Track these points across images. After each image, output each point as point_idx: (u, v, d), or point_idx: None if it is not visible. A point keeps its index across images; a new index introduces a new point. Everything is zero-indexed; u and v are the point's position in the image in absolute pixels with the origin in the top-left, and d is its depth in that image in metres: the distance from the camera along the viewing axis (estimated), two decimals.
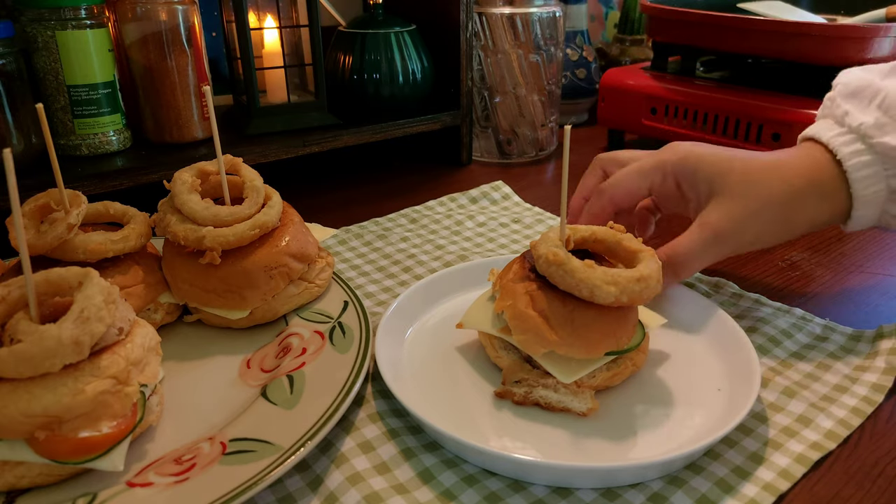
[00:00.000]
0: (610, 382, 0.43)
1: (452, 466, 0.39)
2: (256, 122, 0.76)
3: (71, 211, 0.46)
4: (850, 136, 0.49)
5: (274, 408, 0.41)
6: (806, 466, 0.39)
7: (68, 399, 0.35)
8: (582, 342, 0.41)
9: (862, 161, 0.48)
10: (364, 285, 0.60)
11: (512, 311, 0.42)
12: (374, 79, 0.83)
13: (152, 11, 0.68)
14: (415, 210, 0.76)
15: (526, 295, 0.42)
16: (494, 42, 0.89)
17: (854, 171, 0.48)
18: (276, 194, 0.53)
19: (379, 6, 0.84)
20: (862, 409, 0.44)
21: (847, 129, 0.50)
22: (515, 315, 0.42)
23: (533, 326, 0.41)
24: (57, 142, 0.67)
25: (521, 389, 0.43)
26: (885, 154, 0.48)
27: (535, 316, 0.41)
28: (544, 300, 0.41)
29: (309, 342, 0.48)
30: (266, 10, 0.79)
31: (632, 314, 0.44)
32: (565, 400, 0.42)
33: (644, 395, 0.44)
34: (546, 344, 0.41)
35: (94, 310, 0.36)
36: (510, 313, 0.42)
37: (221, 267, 0.49)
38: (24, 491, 0.37)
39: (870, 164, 0.48)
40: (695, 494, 0.37)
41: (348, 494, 0.37)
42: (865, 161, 0.48)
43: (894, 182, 0.48)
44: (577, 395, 0.42)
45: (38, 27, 0.64)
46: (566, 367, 0.42)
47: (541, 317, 0.41)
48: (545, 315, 0.41)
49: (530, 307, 0.42)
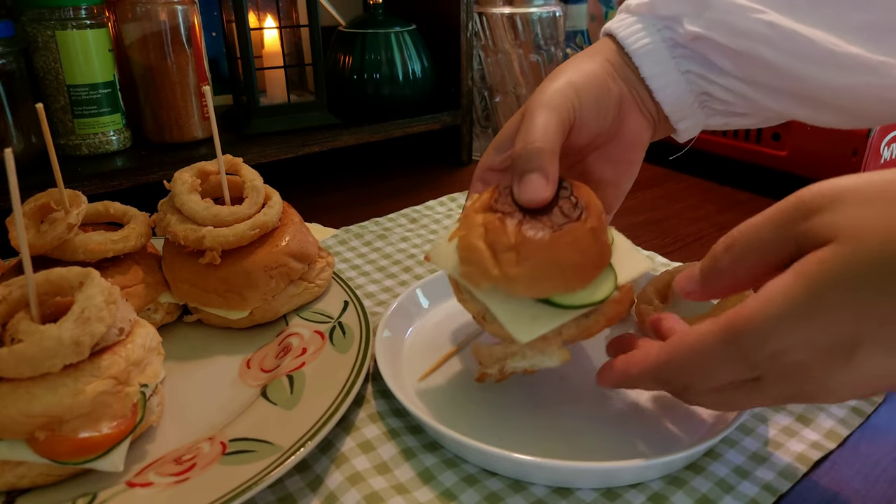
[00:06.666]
0: (580, 337, 0.40)
1: (453, 466, 0.39)
2: (256, 122, 0.76)
3: (71, 211, 0.46)
4: (622, 15, 0.48)
5: (274, 408, 0.41)
6: (806, 466, 0.39)
7: (68, 399, 0.35)
8: (524, 279, 0.37)
9: (625, 23, 0.47)
10: (364, 285, 0.60)
11: (463, 243, 0.39)
12: (374, 79, 0.83)
13: (152, 11, 0.68)
14: (415, 210, 0.76)
15: (481, 226, 0.38)
16: (495, 42, 0.89)
17: (619, 31, 0.47)
18: (276, 194, 0.53)
19: (379, 6, 0.84)
20: (862, 409, 0.44)
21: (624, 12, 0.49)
22: (465, 246, 0.38)
23: (478, 258, 0.37)
24: (57, 142, 0.67)
25: (494, 369, 0.41)
26: (639, 13, 0.47)
27: (483, 248, 0.38)
28: (499, 232, 0.37)
29: (309, 342, 0.48)
30: (266, 10, 0.79)
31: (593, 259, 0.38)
32: (536, 362, 0.40)
33: (644, 395, 0.44)
34: (489, 279, 0.37)
35: (94, 310, 0.36)
36: (461, 244, 0.39)
37: (221, 267, 0.49)
38: (24, 491, 0.37)
39: (633, 23, 0.47)
40: (695, 494, 0.37)
41: (348, 494, 0.37)
42: (628, 22, 0.47)
43: (667, 33, 0.46)
44: (545, 353, 0.39)
45: (38, 27, 0.64)
46: (523, 324, 0.38)
47: (489, 249, 0.37)
48: (493, 248, 0.37)
49: (481, 239, 0.38)
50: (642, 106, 0.47)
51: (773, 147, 0.79)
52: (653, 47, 0.46)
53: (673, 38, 0.46)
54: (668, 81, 0.46)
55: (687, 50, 0.46)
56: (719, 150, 0.84)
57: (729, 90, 0.47)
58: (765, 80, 0.45)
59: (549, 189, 0.39)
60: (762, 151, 0.80)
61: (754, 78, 0.45)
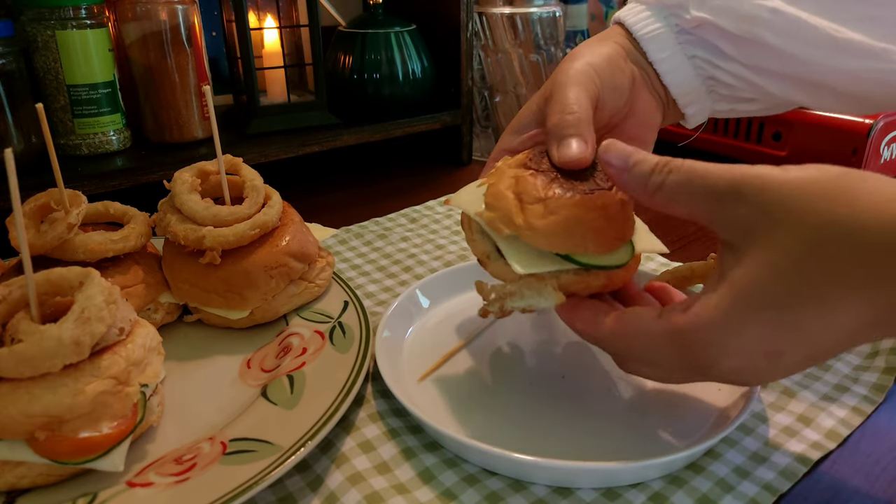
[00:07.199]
0: (575, 287, 0.39)
1: (453, 466, 0.39)
2: (256, 122, 0.76)
3: (71, 211, 0.46)
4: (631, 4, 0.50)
5: (274, 408, 0.41)
6: (806, 466, 0.39)
7: (69, 399, 0.35)
8: (546, 232, 0.37)
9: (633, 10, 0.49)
10: (364, 285, 0.60)
11: (492, 190, 0.40)
12: (374, 78, 0.83)
13: (152, 11, 0.68)
14: (415, 210, 0.76)
15: (513, 178, 0.39)
16: (495, 42, 0.89)
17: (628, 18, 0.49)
18: (276, 194, 0.53)
19: (379, 6, 0.84)
20: (862, 409, 0.43)
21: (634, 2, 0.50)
22: (492, 193, 0.40)
23: (504, 206, 0.38)
24: (57, 142, 0.67)
25: (495, 307, 0.41)
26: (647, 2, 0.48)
27: (511, 197, 0.38)
28: (529, 185, 0.38)
29: (309, 342, 0.48)
30: (266, 10, 0.79)
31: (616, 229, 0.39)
32: (532, 301, 0.40)
33: (644, 394, 0.44)
34: (511, 226, 0.38)
35: (94, 310, 0.36)
36: (489, 191, 0.40)
37: (221, 267, 0.49)
38: (24, 491, 0.37)
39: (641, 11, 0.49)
40: (695, 494, 0.37)
41: (349, 494, 0.37)
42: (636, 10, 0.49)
43: (673, 20, 0.48)
44: (540, 293, 0.39)
45: (38, 27, 0.64)
46: (525, 259, 0.39)
47: (516, 199, 0.38)
48: (521, 198, 0.38)
49: (511, 189, 0.39)
50: (652, 88, 0.49)
51: (774, 147, 0.79)
52: (659, 33, 0.48)
53: (679, 24, 0.47)
54: (675, 65, 0.48)
55: (692, 35, 0.47)
56: (720, 149, 0.84)
57: (734, 75, 0.48)
58: (768, 65, 0.46)
59: (589, 152, 0.40)
60: (762, 151, 0.80)
61: (758, 63, 0.46)
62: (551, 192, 0.38)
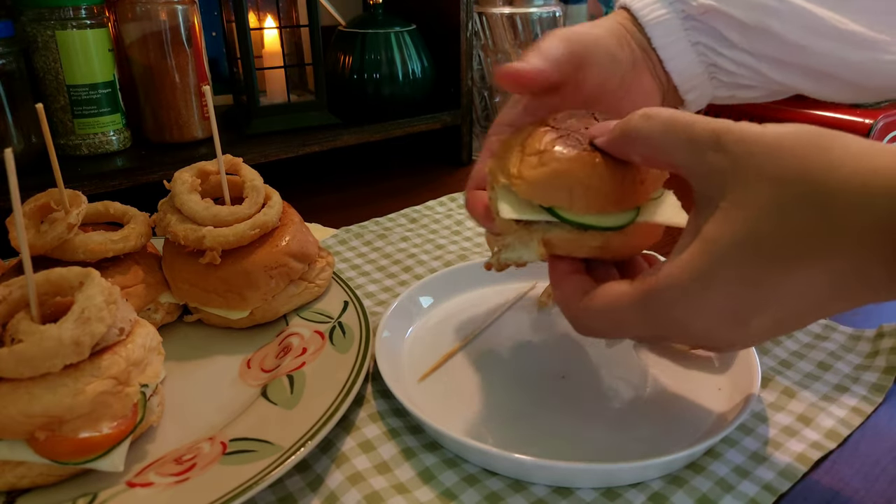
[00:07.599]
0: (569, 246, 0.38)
1: (453, 466, 0.39)
2: (256, 122, 0.76)
3: (71, 211, 0.46)
4: None
5: (274, 408, 0.41)
6: (806, 466, 0.39)
7: (68, 399, 0.35)
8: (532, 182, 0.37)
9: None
10: (364, 285, 0.60)
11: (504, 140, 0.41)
12: (374, 78, 0.83)
13: (152, 11, 0.68)
14: (415, 210, 0.76)
15: (529, 132, 0.39)
16: (494, 42, 0.89)
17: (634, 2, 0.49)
18: (276, 194, 0.53)
19: (379, 6, 0.84)
20: (862, 409, 0.43)
21: None
22: (503, 143, 0.40)
23: (508, 156, 0.39)
24: (57, 142, 0.67)
25: (494, 258, 0.41)
26: None
27: (517, 149, 0.39)
28: (535, 139, 0.38)
29: (309, 342, 0.48)
30: (266, 10, 0.79)
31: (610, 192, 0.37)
32: (521, 252, 0.39)
33: (644, 395, 0.44)
34: (505, 175, 0.38)
35: (94, 310, 0.36)
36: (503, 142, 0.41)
37: (221, 267, 0.49)
38: (24, 491, 0.37)
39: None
40: (695, 494, 0.37)
41: (349, 494, 0.37)
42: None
43: (679, 6, 0.48)
44: (527, 246, 0.39)
45: (38, 27, 0.64)
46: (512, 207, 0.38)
47: (520, 150, 0.38)
48: (524, 150, 0.38)
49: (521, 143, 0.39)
50: (654, 73, 0.49)
51: None
52: (665, 18, 0.48)
53: (685, 11, 0.48)
54: (679, 51, 0.48)
55: (698, 22, 0.48)
56: None
57: (737, 62, 0.48)
58: (773, 53, 0.47)
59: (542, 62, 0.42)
60: None
61: (763, 51, 0.47)
62: (552, 146, 0.37)
